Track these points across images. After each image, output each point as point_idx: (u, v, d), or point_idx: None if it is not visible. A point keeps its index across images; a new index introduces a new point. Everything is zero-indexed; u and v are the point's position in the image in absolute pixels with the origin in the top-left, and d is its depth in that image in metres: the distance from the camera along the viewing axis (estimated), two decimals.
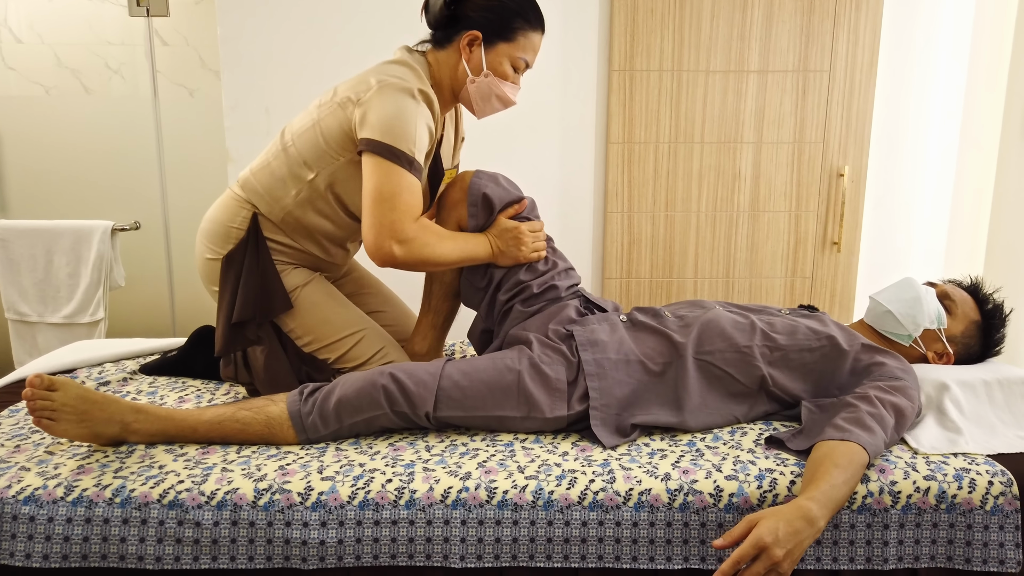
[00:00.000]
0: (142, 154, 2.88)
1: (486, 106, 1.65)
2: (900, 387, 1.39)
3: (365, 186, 1.49)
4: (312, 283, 1.66)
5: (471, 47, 1.58)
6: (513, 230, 1.61)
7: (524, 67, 1.63)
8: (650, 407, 1.45)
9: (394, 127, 1.47)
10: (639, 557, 1.24)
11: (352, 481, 1.26)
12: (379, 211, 1.48)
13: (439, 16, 1.59)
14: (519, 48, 1.60)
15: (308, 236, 1.64)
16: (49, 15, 2.90)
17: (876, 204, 2.61)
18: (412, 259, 1.51)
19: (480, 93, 1.62)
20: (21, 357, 2.82)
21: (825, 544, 1.25)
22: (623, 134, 2.48)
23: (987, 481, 1.27)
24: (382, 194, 1.47)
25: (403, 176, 1.48)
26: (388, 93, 1.49)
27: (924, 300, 1.58)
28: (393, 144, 1.47)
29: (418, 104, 1.50)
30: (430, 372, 1.43)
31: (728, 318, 1.53)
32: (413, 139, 1.48)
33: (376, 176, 1.48)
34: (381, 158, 1.47)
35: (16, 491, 1.23)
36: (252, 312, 1.58)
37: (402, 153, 1.47)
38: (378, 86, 1.50)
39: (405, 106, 1.48)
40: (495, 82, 1.60)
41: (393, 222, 1.48)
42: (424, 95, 1.52)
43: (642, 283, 2.59)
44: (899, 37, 2.50)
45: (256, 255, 1.60)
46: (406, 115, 1.48)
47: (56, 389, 1.31)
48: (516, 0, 1.58)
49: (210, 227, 1.64)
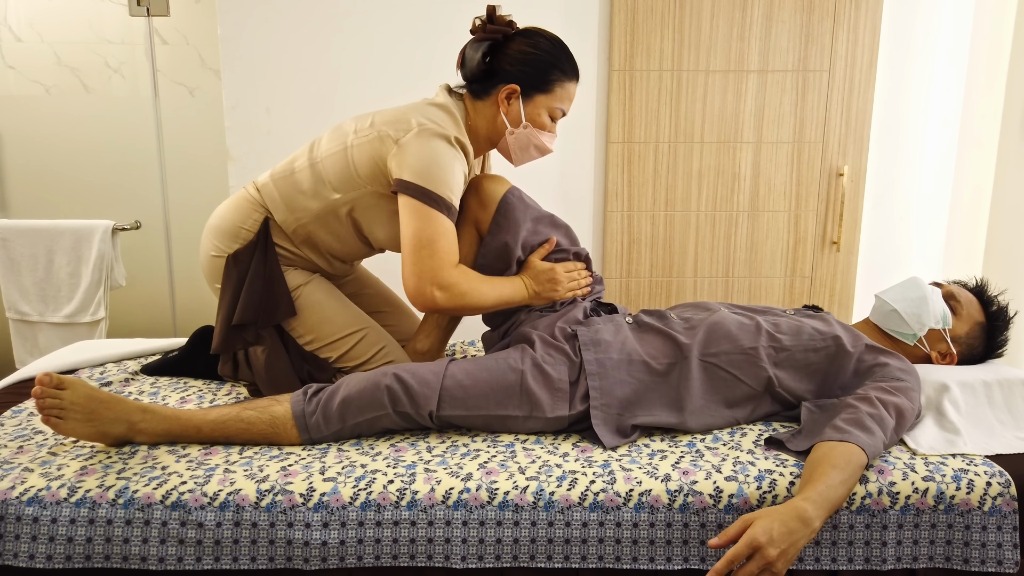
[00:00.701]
0: (142, 153, 2.89)
1: (524, 155, 1.67)
2: (902, 388, 1.40)
3: (404, 231, 1.51)
4: (313, 282, 1.67)
5: (509, 100, 1.60)
6: (548, 271, 1.62)
7: (561, 115, 1.65)
8: (651, 408, 1.46)
9: (433, 172, 1.49)
10: (639, 557, 1.24)
11: (354, 482, 1.27)
12: (419, 257, 1.49)
13: (476, 70, 1.60)
14: (556, 99, 1.61)
15: (314, 250, 1.65)
16: (49, 14, 2.90)
17: (875, 203, 2.61)
18: (453, 305, 1.53)
19: (519, 144, 1.64)
20: (22, 356, 2.82)
21: (824, 544, 1.25)
22: (623, 134, 2.49)
23: (985, 482, 1.27)
24: (421, 240, 1.49)
25: (441, 221, 1.49)
26: (427, 138, 1.50)
27: (930, 300, 1.59)
28: (432, 189, 1.48)
29: (456, 151, 1.53)
30: (434, 372, 1.43)
31: (733, 320, 1.53)
32: (451, 185, 1.50)
33: (415, 221, 1.49)
34: (420, 202, 1.48)
35: (20, 492, 1.24)
36: (253, 316, 1.59)
37: (441, 198, 1.49)
38: (418, 129, 1.51)
39: (444, 152, 1.50)
40: (534, 133, 1.62)
41: (433, 268, 1.49)
42: (460, 143, 1.54)
43: (642, 283, 2.60)
44: (898, 37, 2.51)
45: (264, 259, 1.60)
46: (444, 161, 1.50)
47: (65, 388, 1.32)
48: (552, 53, 1.59)
49: (219, 224, 1.65)
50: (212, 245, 1.65)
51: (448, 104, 1.60)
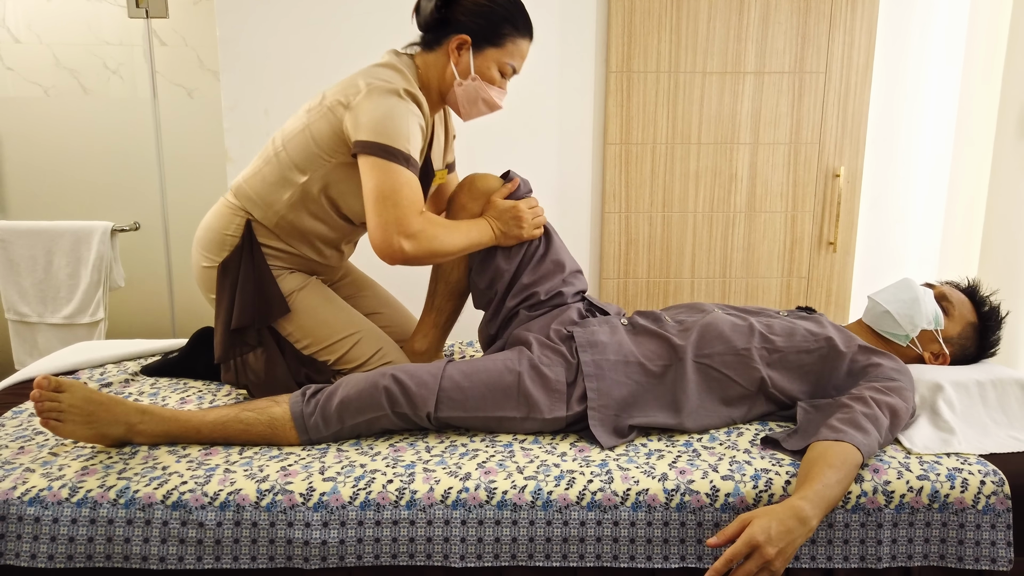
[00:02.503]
0: (141, 155, 2.89)
1: (472, 109, 1.67)
2: (895, 388, 1.41)
3: (365, 188, 1.51)
4: (308, 287, 1.67)
5: (460, 51, 1.60)
6: (511, 210, 1.62)
7: (511, 72, 1.65)
8: (648, 408, 1.47)
9: (387, 127, 1.48)
10: (637, 556, 1.25)
11: (353, 482, 1.28)
12: (382, 209, 1.49)
13: (429, 19, 1.61)
14: (507, 54, 1.61)
15: (302, 239, 1.65)
16: (48, 15, 2.90)
17: (872, 204, 2.63)
18: (422, 252, 1.52)
19: (467, 96, 1.64)
20: (21, 357, 2.82)
21: (820, 543, 1.27)
22: (620, 135, 2.50)
23: (979, 481, 1.29)
24: (383, 192, 1.49)
25: (401, 172, 1.49)
26: (377, 95, 1.50)
27: (922, 301, 1.60)
28: (388, 143, 1.48)
29: (407, 103, 1.52)
30: (431, 373, 1.44)
31: (727, 321, 1.54)
32: (407, 136, 1.50)
33: (375, 176, 1.49)
34: (377, 158, 1.48)
35: (21, 492, 1.25)
36: (250, 317, 1.60)
37: (398, 151, 1.49)
38: (367, 89, 1.51)
39: (395, 106, 1.50)
40: (482, 86, 1.62)
41: (398, 218, 1.49)
42: (411, 95, 1.54)
43: (639, 283, 2.61)
44: (894, 39, 2.52)
45: (251, 261, 1.61)
46: (397, 114, 1.50)
47: (63, 390, 1.32)
48: (506, 7, 1.59)
49: (205, 235, 1.66)
50: (202, 256, 1.67)
51: (395, 62, 1.60)
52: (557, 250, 1.69)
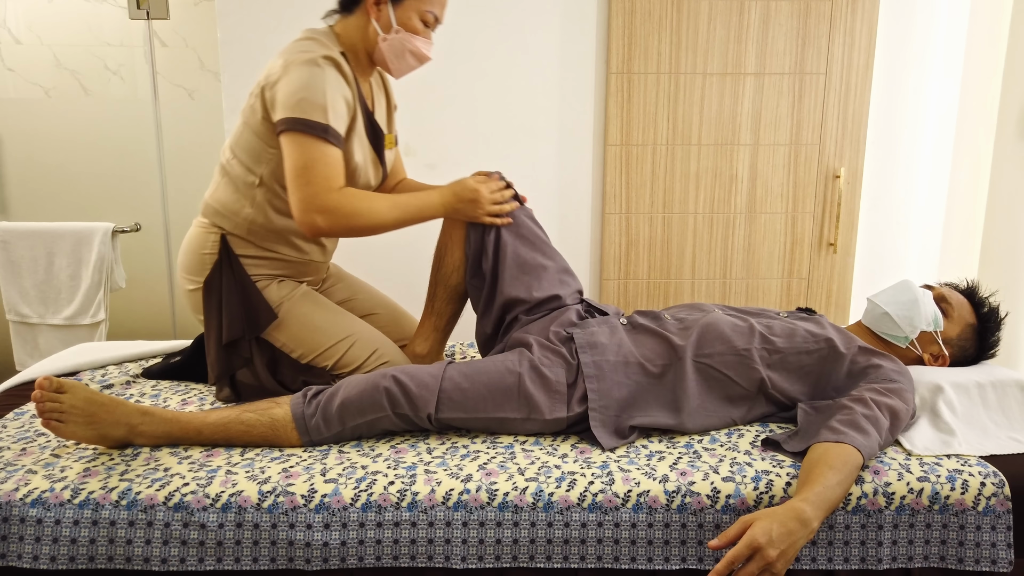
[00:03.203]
0: (142, 156, 2.89)
1: (401, 63, 1.66)
2: (895, 389, 1.41)
3: (284, 166, 1.51)
4: (297, 295, 1.67)
5: (379, 5, 1.59)
6: (472, 191, 1.62)
7: (434, 21, 1.65)
8: (649, 409, 1.47)
9: (302, 99, 1.48)
10: (637, 558, 1.26)
11: (355, 483, 1.28)
12: (297, 186, 1.49)
13: None
14: (426, 2, 1.61)
15: (277, 238, 1.65)
16: (48, 16, 2.90)
17: (872, 205, 2.63)
18: (340, 226, 1.53)
19: (393, 51, 1.63)
20: (22, 358, 2.83)
21: (820, 544, 1.27)
22: (621, 136, 2.50)
23: (979, 482, 1.29)
24: (296, 168, 1.49)
25: (316, 147, 1.49)
26: (292, 70, 1.50)
27: (921, 303, 1.60)
28: (303, 116, 1.48)
29: (324, 70, 1.51)
30: (432, 374, 1.44)
31: (727, 321, 1.54)
32: (324, 106, 1.49)
33: (291, 152, 1.49)
34: (295, 133, 1.48)
35: (23, 494, 1.25)
36: (240, 330, 1.60)
37: (315, 123, 1.48)
38: (283, 65, 1.52)
39: (310, 76, 1.49)
40: (407, 37, 1.62)
41: (311, 195, 1.49)
42: (330, 59, 1.53)
43: (640, 284, 2.61)
44: (895, 40, 2.52)
45: (232, 273, 1.62)
46: (313, 85, 1.49)
47: (65, 391, 1.33)
48: None
49: (185, 259, 1.68)
50: (186, 280, 1.68)
51: (312, 34, 1.60)
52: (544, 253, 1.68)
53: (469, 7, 2.42)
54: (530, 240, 1.67)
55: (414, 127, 2.38)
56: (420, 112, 2.42)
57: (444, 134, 2.48)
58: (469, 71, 2.46)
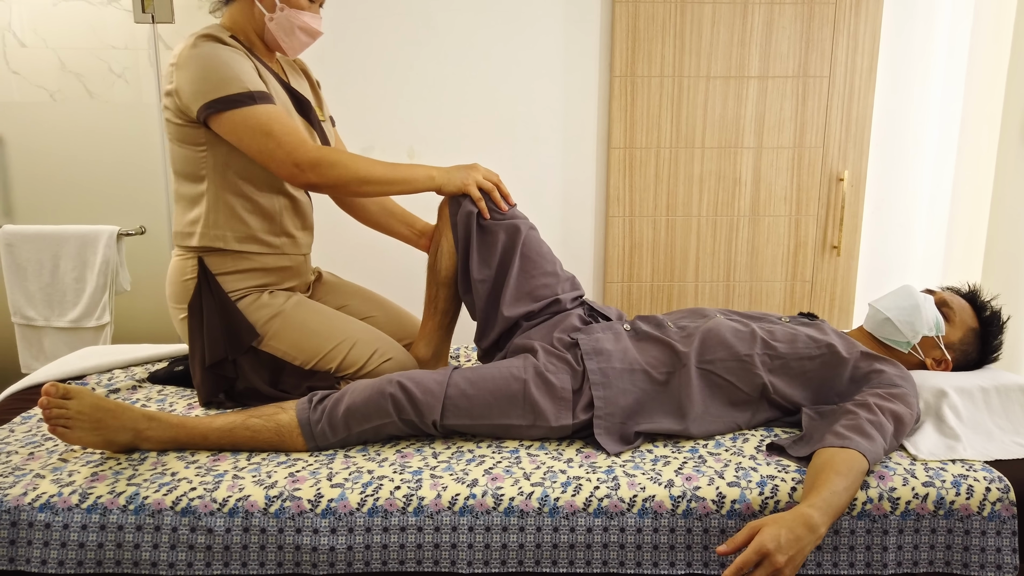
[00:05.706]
0: (147, 159, 2.90)
1: (293, 41, 1.65)
2: (899, 394, 1.41)
3: (240, 143, 1.50)
4: (290, 305, 1.67)
5: None
6: (470, 166, 1.64)
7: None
8: (654, 415, 1.47)
9: (210, 78, 1.48)
10: (643, 563, 1.26)
11: (361, 488, 1.28)
12: (268, 151, 1.49)
13: None
14: None
15: (254, 240, 1.64)
16: (53, 19, 2.91)
17: (875, 208, 2.63)
18: (329, 178, 1.53)
19: (282, 29, 1.62)
20: (28, 361, 2.83)
21: (825, 549, 1.27)
22: (624, 139, 2.51)
23: (984, 487, 1.29)
24: (255, 136, 1.49)
25: (258, 112, 1.48)
26: (187, 59, 1.51)
27: (923, 307, 1.60)
28: (224, 93, 1.48)
29: (213, 47, 1.51)
30: (437, 381, 1.45)
31: (729, 327, 1.55)
32: (236, 75, 1.49)
33: (238, 128, 1.49)
34: (226, 112, 1.48)
35: (32, 498, 1.26)
36: (223, 351, 1.60)
37: (236, 96, 1.48)
38: (178, 61, 1.52)
39: (208, 55, 1.50)
40: (293, 13, 1.61)
41: (288, 153, 1.49)
42: (210, 36, 1.53)
43: (643, 287, 2.61)
44: (898, 43, 2.53)
45: (211, 293, 1.62)
46: (213, 62, 1.49)
47: (71, 397, 1.33)
48: None
49: (170, 290, 1.69)
50: (175, 310, 1.69)
51: (199, 30, 1.59)
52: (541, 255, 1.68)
53: (473, 11, 2.43)
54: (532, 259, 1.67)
55: (417, 131, 2.39)
56: (423, 115, 2.43)
57: (447, 137, 2.49)
58: (473, 75, 2.47)
